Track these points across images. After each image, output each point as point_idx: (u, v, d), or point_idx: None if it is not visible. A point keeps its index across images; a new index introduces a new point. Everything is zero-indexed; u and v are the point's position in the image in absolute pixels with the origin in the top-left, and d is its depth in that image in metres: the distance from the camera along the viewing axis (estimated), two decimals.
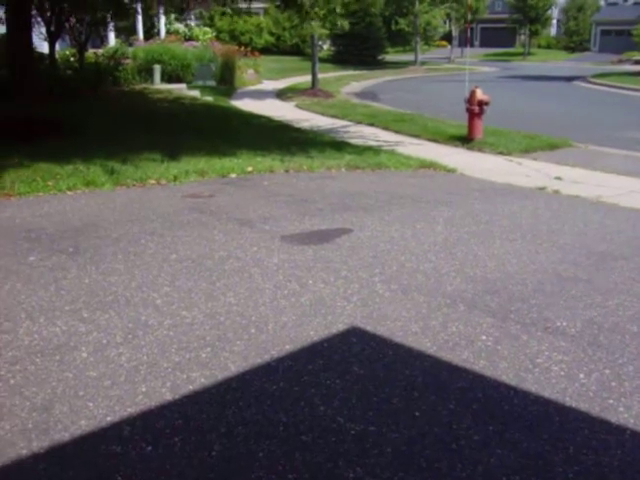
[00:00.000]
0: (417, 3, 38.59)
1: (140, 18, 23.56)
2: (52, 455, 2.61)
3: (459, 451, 2.67)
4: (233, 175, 7.98)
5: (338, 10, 12.24)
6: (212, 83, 20.87)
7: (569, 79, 30.97)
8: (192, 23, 28.84)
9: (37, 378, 3.16)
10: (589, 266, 4.96)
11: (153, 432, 2.76)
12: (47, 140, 9.24)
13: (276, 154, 9.20)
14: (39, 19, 14.85)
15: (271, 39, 39.82)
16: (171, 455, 2.62)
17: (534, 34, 56.64)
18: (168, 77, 19.82)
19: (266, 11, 36.65)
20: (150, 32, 25.45)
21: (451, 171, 8.87)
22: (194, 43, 23.65)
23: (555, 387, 3.18)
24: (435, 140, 11.72)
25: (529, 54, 54.73)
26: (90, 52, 18.65)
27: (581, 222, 6.28)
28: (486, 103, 10.73)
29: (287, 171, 8.37)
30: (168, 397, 3.02)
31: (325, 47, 39.10)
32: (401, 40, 45.39)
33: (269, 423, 2.83)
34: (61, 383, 3.12)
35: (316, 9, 11.97)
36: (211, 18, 35.55)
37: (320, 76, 21.80)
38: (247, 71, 24.26)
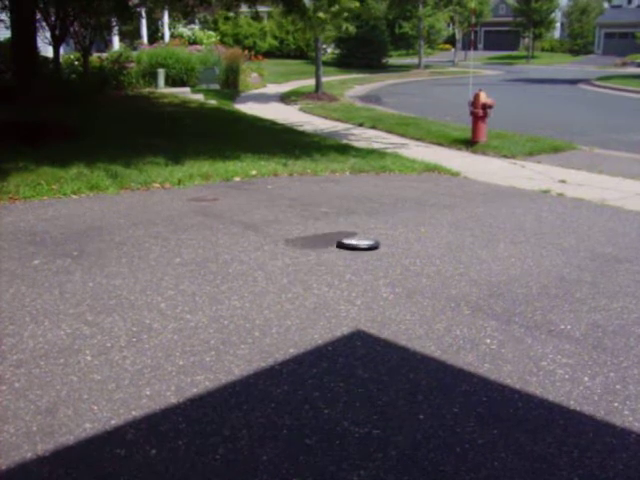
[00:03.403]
0: (421, 6, 38.68)
1: (144, 22, 23.65)
2: (56, 458, 2.61)
3: (463, 454, 2.67)
4: (237, 179, 7.99)
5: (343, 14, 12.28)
6: (216, 87, 20.92)
7: (573, 82, 30.97)
8: (196, 27, 28.93)
9: (41, 381, 3.17)
10: (593, 269, 4.95)
11: (157, 435, 2.76)
12: (51, 144, 9.27)
13: (280, 157, 9.21)
14: (43, 23, 14.92)
15: (275, 43, 39.96)
16: (175, 458, 2.62)
17: (538, 37, 56.68)
18: (172, 81, 19.89)
19: (270, 15, 36.75)
20: (154, 36, 25.55)
21: (455, 174, 8.87)
22: (198, 47, 23.71)
23: (559, 390, 3.17)
24: (439, 143, 11.73)
25: (533, 57, 54.73)
26: (94, 56, 18.73)
27: (585, 225, 6.27)
28: (490, 106, 10.73)
29: (291, 175, 8.38)
30: (172, 400, 3.03)
31: (329, 50, 39.17)
32: (405, 43, 45.54)
33: (273, 426, 2.83)
34: (65, 386, 3.13)
35: (319, 13, 11.99)
36: (215, 22, 35.67)
37: (324, 79, 21.85)
38: (251, 75, 24.33)
